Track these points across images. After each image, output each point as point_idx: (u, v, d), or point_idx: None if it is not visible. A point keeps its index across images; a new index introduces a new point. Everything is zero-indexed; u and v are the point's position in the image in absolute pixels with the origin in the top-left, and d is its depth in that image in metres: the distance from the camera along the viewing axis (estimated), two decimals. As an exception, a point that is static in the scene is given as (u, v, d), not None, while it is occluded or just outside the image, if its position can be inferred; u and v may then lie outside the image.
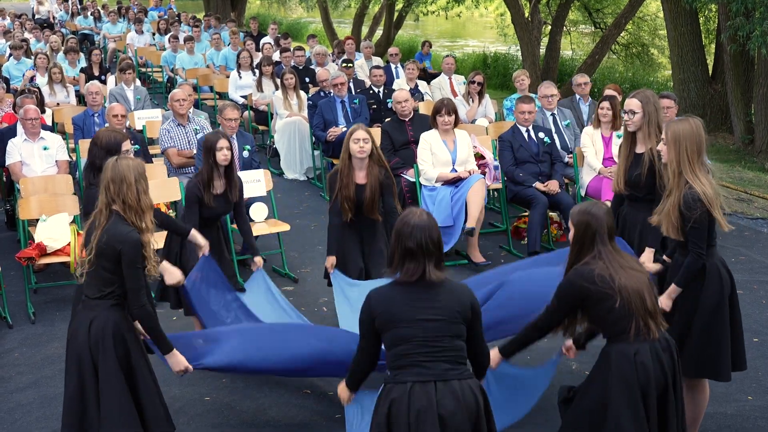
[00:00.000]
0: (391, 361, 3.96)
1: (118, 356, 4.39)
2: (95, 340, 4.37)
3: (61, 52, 15.17)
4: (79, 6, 26.34)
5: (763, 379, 6.19)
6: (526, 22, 19.77)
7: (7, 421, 5.64)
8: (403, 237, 3.91)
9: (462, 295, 3.98)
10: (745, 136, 14.88)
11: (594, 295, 4.24)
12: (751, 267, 8.61)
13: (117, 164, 4.42)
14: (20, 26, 20.44)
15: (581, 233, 4.37)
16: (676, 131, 4.88)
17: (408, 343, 3.87)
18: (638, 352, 4.21)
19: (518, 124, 8.93)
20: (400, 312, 3.89)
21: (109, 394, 4.36)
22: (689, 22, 16.03)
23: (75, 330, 4.44)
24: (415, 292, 3.93)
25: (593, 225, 4.33)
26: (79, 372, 4.40)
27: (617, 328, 4.25)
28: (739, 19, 12.98)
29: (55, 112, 11.44)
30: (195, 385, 6.14)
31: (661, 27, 21.54)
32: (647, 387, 4.20)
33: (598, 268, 4.24)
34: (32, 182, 8.20)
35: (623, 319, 4.21)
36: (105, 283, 4.37)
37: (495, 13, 28.57)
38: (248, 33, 20.89)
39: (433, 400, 3.82)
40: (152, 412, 4.50)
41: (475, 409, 3.91)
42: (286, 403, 5.93)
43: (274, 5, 35.24)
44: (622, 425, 4.17)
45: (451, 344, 3.91)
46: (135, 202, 4.36)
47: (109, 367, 4.36)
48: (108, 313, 4.40)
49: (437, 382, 3.85)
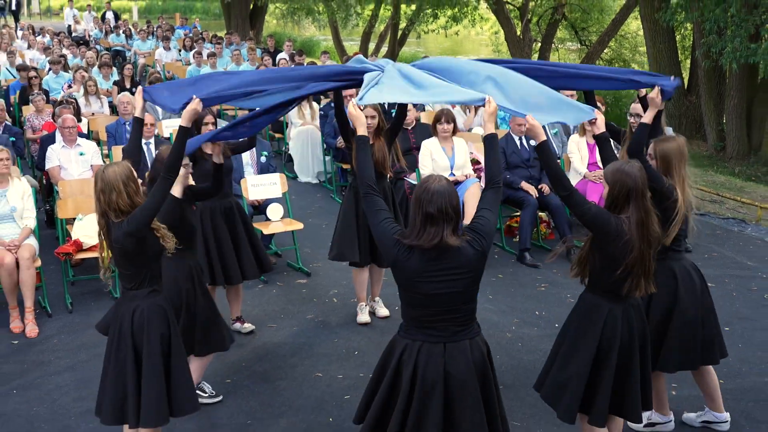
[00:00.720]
0: (405, 315, 3.87)
1: (160, 341, 4.38)
2: (138, 328, 4.35)
3: (96, 67, 15.18)
4: (112, 25, 26.40)
5: (734, 365, 6.19)
6: (518, 40, 19.77)
7: (47, 401, 5.67)
8: (424, 202, 3.70)
9: (476, 260, 3.76)
10: (717, 143, 14.88)
11: (616, 246, 4.13)
12: (723, 262, 8.61)
13: (104, 174, 4.27)
14: (59, 43, 20.43)
15: (616, 192, 4.19)
16: (664, 149, 4.82)
17: (423, 310, 3.76)
18: (612, 310, 4.23)
19: (512, 132, 8.93)
20: (419, 279, 3.71)
21: (150, 382, 4.32)
22: (667, 40, 16.03)
23: (120, 318, 4.39)
24: (433, 259, 3.70)
25: (628, 183, 4.16)
26: (121, 358, 4.36)
27: (611, 282, 4.19)
28: (712, 36, 12.99)
29: (90, 121, 11.45)
30: (218, 370, 6.16)
31: (641, 44, 21.51)
32: (611, 343, 4.22)
33: (627, 228, 4.10)
34: (69, 185, 8.22)
35: (622, 280, 4.16)
36: (135, 275, 4.36)
37: (490, 31, 28.50)
38: (266, 49, 20.88)
39: (441, 357, 3.74)
40: (184, 392, 4.48)
41: (482, 366, 3.83)
42: (299, 384, 5.95)
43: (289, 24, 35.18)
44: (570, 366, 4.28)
45: (464, 308, 3.79)
46: (128, 206, 4.25)
47: (152, 355, 4.34)
48: (148, 301, 4.38)
49: (446, 343, 3.77)
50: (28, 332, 6.82)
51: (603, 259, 4.21)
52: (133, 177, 4.32)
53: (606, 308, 4.27)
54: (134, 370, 4.35)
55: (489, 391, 3.88)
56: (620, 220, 4.14)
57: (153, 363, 4.34)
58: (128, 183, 4.27)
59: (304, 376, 6.08)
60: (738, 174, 13.37)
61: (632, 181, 4.16)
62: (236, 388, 5.90)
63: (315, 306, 7.42)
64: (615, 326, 4.24)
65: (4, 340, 6.75)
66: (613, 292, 4.25)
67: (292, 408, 5.62)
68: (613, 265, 4.16)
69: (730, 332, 6.72)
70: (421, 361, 3.77)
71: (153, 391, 4.33)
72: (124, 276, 4.39)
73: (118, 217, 4.25)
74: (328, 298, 7.60)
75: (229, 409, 5.62)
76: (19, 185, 7.27)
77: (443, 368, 3.76)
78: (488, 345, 3.97)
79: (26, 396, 5.80)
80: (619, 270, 4.14)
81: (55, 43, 20.47)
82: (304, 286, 7.83)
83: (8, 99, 13.17)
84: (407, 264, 3.73)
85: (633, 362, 4.30)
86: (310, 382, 6.00)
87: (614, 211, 4.20)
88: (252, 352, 6.51)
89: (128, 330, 4.34)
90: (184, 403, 4.48)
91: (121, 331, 4.36)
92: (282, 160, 12.67)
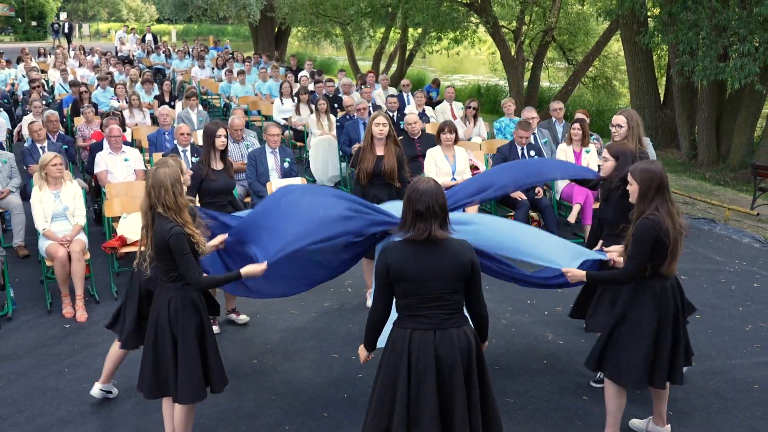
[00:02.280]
0: (398, 305, 3.84)
1: (194, 328, 4.38)
2: (174, 316, 4.35)
3: (139, 83, 15.22)
4: (153, 46, 26.48)
5: (704, 349, 6.17)
6: (513, 60, 19.71)
7: (95, 378, 5.66)
8: (414, 201, 3.72)
9: (463, 255, 3.74)
10: (690, 151, 14.81)
11: (661, 243, 4.30)
12: (694, 258, 8.58)
13: (156, 173, 4.31)
14: (106, 62, 20.50)
15: (646, 187, 4.34)
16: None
17: (413, 298, 3.73)
18: (663, 286, 4.43)
19: (515, 143, 8.89)
20: (409, 269, 3.69)
21: (186, 363, 4.34)
22: (645, 59, 15.97)
23: (158, 308, 4.40)
24: (423, 251, 3.71)
25: (655, 179, 4.33)
26: (160, 343, 4.37)
27: (659, 267, 4.36)
28: (685, 56, 12.95)
29: (134, 131, 11.48)
30: (245, 351, 6.17)
31: (621, 63, 21.42)
32: (666, 313, 4.44)
33: (661, 219, 4.28)
34: (115, 187, 8.24)
35: (664, 259, 4.34)
36: (170, 270, 4.36)
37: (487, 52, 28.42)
38: (289, 68, 20.91)
39: (432, 342, 3.72)
40: (216, 372, 4.51)
41: (467, 352, 3.78)
42: (317, 365, 5.94)
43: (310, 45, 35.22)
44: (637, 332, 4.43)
45: (451, 298, 3.74)
46: (173, 203, 4.27)
47: (188, 339, 4.35)
48: (182, 292, 4.38)
49: (436, 330, 3.73)
50: (79, 317, 6.83)
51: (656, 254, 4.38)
52: (180, 180, 4.36)
53: (658, 285, 4.45)
54: (172, 353, 4.36)
55: (473, 379, 3.81)
56: (653, 221, 4.29)
57: (188, 348, 4.36)
58: (175, 184, 4.31)
59: (322, 357, 6.08)
60: (708, 179, 13.31)
61: (658, 177, 4.34)
62: (262, 367, 5.91)
63: (332, 295, 7.41)
64: (666, 298, 4.45)
65: (58, 324, 6.77)
66: (657, 274, 4.42)
67: (311, 385, 5.62)
68: (663, 254, 4.35)
69: (701, 320, 6.70)
70: (413, 347, 3.74)
71: (189, 373, 4.35)
72: (162, 270, 4.39)
73: (165, 212, 4.27)
74: (344, 288, 7.58)
75: (255, 385, 5.62)
76: (71, 187, 7.28)
77: (434, 352, 3.73)
78: (476, 336, 3.90)
79: (76, 373, 5.82)
80: (667, 256, 4.34)
81: (102, 62, 20.54)
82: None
83: (62, 111, 13.20)
84: (398, 255, 3.75)
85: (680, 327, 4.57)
86: (327, 362, 6.00)
87: (646, 204, 4.34)
88: (276, 336, 6.51)
89: (165, 318, 4.35)
90: (217, 382, 4.52)
91: (159, 319, 4.38)
92: (303, 165, 12.66)
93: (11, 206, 8.45)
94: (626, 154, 5.28)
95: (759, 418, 5.12)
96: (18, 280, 7.70)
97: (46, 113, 10.23)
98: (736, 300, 7.32)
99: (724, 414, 5.20)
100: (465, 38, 21.14)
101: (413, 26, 22.94)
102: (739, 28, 11.99)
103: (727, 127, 14.49)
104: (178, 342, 4.35)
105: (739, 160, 13.91)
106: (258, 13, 29.49)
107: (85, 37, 53.02)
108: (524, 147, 8.85)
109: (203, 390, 4.44)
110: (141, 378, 4.50)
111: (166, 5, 36.03)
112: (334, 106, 13.25)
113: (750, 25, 11.84)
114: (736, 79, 11.83)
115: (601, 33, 20.49)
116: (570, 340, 6.37)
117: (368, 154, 6.70)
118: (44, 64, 22.24)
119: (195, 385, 4.38)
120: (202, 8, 32.30)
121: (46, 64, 22.34)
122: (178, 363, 4.36)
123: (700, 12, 12.59)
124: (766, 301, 7.33)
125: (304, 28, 25.61)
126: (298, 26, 26.73)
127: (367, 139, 6.74)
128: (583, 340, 6.33)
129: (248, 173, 8.75)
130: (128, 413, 5.22)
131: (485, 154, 9.90)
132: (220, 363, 4.57)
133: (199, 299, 4.47)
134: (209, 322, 4.53)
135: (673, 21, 13.38)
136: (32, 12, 53.58)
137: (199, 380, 4.40)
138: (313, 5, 22.99)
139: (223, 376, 4.56)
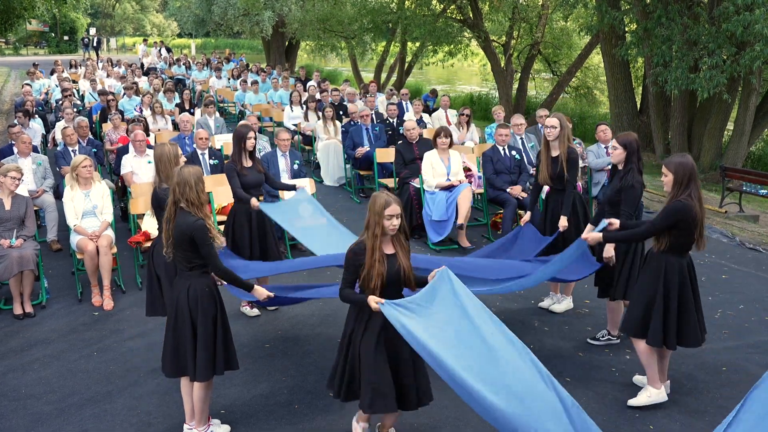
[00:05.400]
0: None
1: (212, 312, 4.38)
2: (194, 302, 4.35)
3: (161, 92, 15.21)
4: (174, 58, 26.46)
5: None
6: (502, 71, 19.71)
7: (121, 361, 5.68)
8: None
9: None
10: (664, 155, 14.80)
11: (685, 225, 4.53)
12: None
13: (181, 172, 4.34)
14: (131, 73, 20.48)
15: (680, 176, 4.52)
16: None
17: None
18: (681, 264, 4.68)
19: (497, 144, 8.88)
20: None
21: (204, 344, 4.34)
22: (623, 71, 15.97)
23: (177, 294, 4.39)
24: None
25: (687, 169, 4.52)
26: (180, 326, 4.37)
27: (684, 246, 4.65)
28: (659, 68, 12.94)
29: (157, 136, 11.44)
30: (258, 336, 6.16)
31: (602, 74, 21.39)
32: (683, 286, 4.70)
33: (692, 204, 4.50)
34: (140, 187, 8.22)
35: (691, 242, 4.62)
36: (190, 259, 4.34)
37: (479, 64, 28.42)
38: (298, 78, 20.90)
39: None
40: (231, 353, 4.53)
41: None
42: (324, 349, 5.93)
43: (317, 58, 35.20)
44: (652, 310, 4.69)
45: None
46: (196, 199, 4.30)
47: (206, 323, 4.35)
48: (200, 280, 4.38)
49: None
50: (106, 306, 6.83)
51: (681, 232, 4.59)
52: (202, 180, 4.39)
53: (679, 262, 4.69)
54: (191, 336, 4.37)
55: None
56: (684, 205, 4.49)
57: (205, 332, 4.36)
58: (198, 182, 4.34)
59: (329, 342, 6.07)
60: (680, 180, 13.29)
61: (690, 168, 4.53)
62: (273, 351, 5.90)
63: (338, 284, 7.38)
64: (683, 272, 4.70)
65: (87, 312, 6.77)
66: (676, 250, 4.68)
67: (318, 368, 5.61)
68: (689, 233, 4.59)
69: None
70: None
71: (206, 353, 4.35)
72: (181, 258, 4.38)
73: (188, 207, 4.29)
74: (348, 279, 7.55)
75: (267, 368, 5.61)
76: (99, 187, 7.27)
77: None
78: None
79: (104, 357, 5.81)
80: (693, 235, 4.59)
81: (128, 73, 20.52)
82: (329, 276, 7.80)
83: (91, 118, 13.22)
84: None
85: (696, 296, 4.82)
86: (333, 347, 5.95)
87: (681, 191, 4.53)
88: (287, 322, 6.50)
89: (185, 304, 4.35)
90: (231, 362, 4.53)
91: (179, 305, 4.37)
92: (311, 168, 12.65)
93: (45, 204, 8.44)
94: (632, 143, 5.46)
95: (726, 398, 5.11)
96: (51, 271, 7.70)
97: (77, 120, 10.21)
98: (705, 290, 7.29)
99: (695, 394, 5.19)
100: (459, 51, 21.14)
101: (412, 40, 22.90)
102: (708, 42, 11.99)
103: (698, 132, 14.48)
104: (198, 325, 4.35)
105: (709, 162, 13.91)
106: (270, 28, 29.50)
107: (113, 50, 52.94)
108: (505, 147, 8.84)
109: (220, 368, 4.44)
110: (163, 359, 4.50)
111: (186, 21, 36.03)
112: (340, 113, 13.23)
113: (718, 40, 11.84)
114: (706, 89, 11.83)
115: (583, 47, 20.48)
116: (554, 327, 6.36)
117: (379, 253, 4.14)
118: (75, 75, 22.23)
119: (211, 365, 4.39)
120: (219, 24, 32.27)
121: (77, 74, 22.32)
122: (197, 345, 4.36)
123: (673, 27, 12.60)
124: (734, 291, 7.32)
125: (312, 42, 25.62)
126: (307, 40, 26.73)
127: (377, 235, 4.10)
128: (566, 327, 6.32)
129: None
130: (151, 393, 5.21)
131: (477, 157, 9.88)
132: (233, 348, 4.57)
133: (216, 289, 4.47)
134: (224, 311, 4.52)
135: (648, 35, 13.38)
136: (64, 27, 53.58)
137: (214, 360, 4.41)
138: (321, 21, 23.00)
139: (235, 359, 4.57)
